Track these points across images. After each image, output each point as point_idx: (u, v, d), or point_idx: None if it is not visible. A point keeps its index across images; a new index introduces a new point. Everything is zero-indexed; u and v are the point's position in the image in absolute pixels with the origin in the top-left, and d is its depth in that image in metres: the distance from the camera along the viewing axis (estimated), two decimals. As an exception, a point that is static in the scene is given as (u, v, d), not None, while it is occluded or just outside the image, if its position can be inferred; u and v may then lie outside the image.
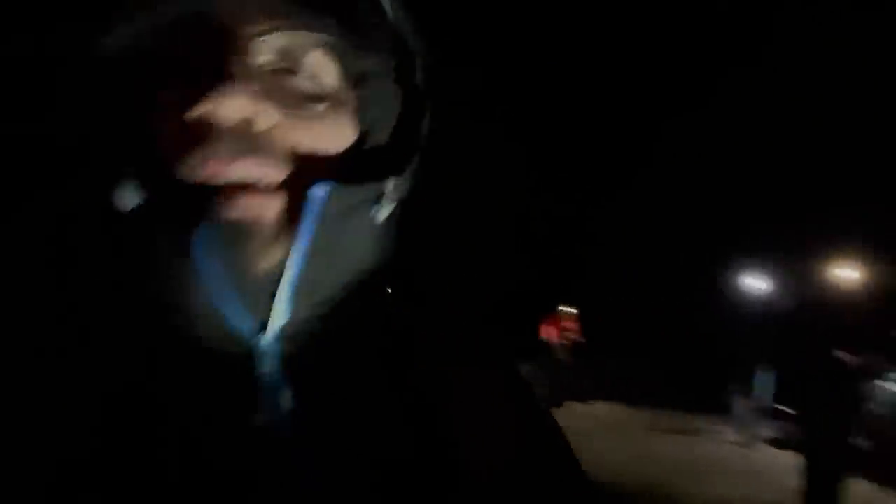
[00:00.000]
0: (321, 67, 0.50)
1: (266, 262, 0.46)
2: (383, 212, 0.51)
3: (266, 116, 0.46)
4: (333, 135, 0.50)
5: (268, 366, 0.48)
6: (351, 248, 0.51)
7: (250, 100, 0.45)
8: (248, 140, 0.46)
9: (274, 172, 0.47)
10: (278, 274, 0.47)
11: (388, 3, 0.52)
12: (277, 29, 0.47)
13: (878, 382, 6.81)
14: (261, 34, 0.46)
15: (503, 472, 0.53)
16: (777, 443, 7.33)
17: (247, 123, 0.46)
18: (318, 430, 0.48)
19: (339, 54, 0.50)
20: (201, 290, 0.46)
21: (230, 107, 0.44)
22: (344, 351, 0.52)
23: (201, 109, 0.44)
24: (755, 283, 7.44)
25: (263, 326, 0.48)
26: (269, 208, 0.46)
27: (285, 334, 0.48)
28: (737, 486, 6.42)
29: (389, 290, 0.58)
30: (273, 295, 0.47)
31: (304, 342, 0.49)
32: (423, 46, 0.54)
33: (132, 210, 0.46)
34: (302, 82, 0.49)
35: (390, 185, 0.52)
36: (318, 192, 0.47)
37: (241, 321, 0.47)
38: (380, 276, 0.54)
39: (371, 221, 0.51)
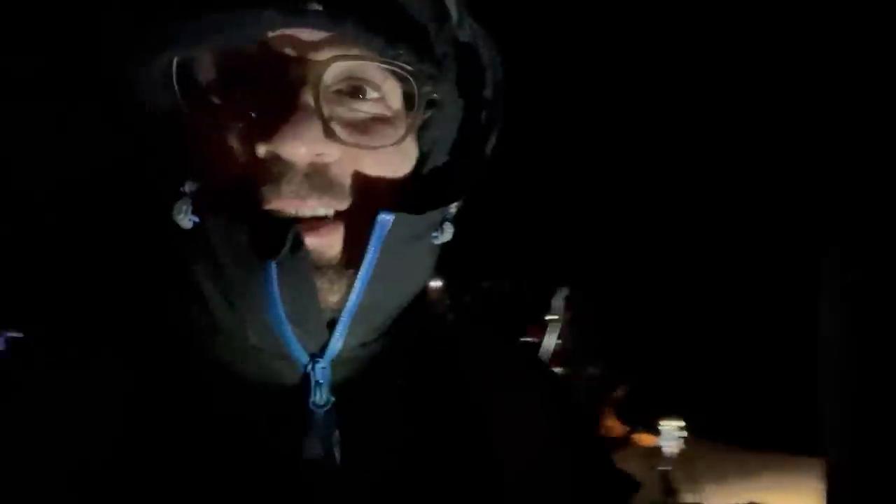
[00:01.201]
0: (388, 91, 0.48)
1: (330, 295, 0.46)
2: (445, 236, 0.50)
3: (334, 149, 0.45)
4: (398, 160, 0.49)
5: (320, 393, 0.47)
6: (409, 272, 0.50)
7: (319, 135, 0.43)
8: (317, 177, 0.45)
9: (341, 205, 0.46)
10: (340, 304, 0.47)
11: (462, 20, 0.51)
12: (350, 58, 0.45)
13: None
14: (332, 61, 0.44)
15: (544, 487, 0.53)
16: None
17: (317, 160, 0.45)
18: (367, 458, 0.48)
19: (408, 79, 0.47)
20: (262, 317, 0.45)
21: (301, 144, 0.43)
22: (394, 373, 0.52)
23: (272, 145, 0.43)
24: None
25: (320, 352, 0.47)
26: (335, 239, 0.46)
27: (339, 360, 0.48)
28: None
29: (440, 307, 0.58)
30: (332, 323, 0.47)
31: (356, 367, 0.49)
32: (496, 60, 0.53)
33: (191, 230, 0.45)
34: (369, 105, 0.47)
35: (453, 209, 0.51)
36: (384, 220, 0.46)
37: (297, 349, 0.46)
38: (429, 294, 0.53)
39: (430, 245, 0.50)
